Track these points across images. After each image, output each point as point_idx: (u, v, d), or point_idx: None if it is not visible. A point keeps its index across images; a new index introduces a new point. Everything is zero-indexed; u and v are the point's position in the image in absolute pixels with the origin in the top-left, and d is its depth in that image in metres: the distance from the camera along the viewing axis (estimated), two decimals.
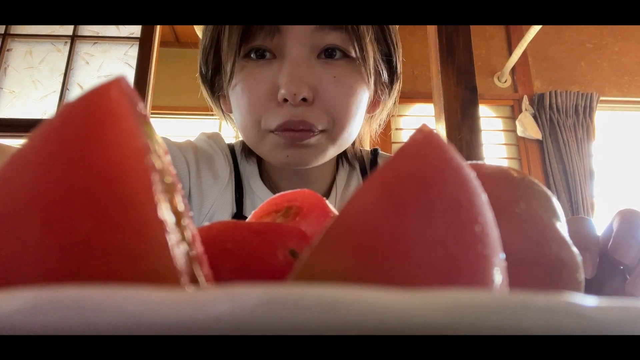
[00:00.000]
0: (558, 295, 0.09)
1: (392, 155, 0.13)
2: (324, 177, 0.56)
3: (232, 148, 0.57)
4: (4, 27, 2.12)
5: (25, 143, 0.12)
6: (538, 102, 2.48)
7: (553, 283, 0.20)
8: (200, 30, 0.55)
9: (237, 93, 0.47)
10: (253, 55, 0.46)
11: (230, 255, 0.16)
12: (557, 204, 0.22)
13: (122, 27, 2.17)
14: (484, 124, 2.16)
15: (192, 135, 0.60)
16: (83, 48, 2.16)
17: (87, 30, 2.18)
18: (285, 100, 0.44)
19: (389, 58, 0.51)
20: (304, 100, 0.44)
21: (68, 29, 2.16)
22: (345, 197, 0.56)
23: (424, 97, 2.40)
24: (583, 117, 2.44)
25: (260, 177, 0.55)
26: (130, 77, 2.04)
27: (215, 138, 0.57)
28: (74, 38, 2.15)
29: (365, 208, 0.13)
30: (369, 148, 0.63)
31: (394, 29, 0.52)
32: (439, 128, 1.55)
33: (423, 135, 0.13)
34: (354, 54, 0.46)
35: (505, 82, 2.58)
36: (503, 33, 2.68)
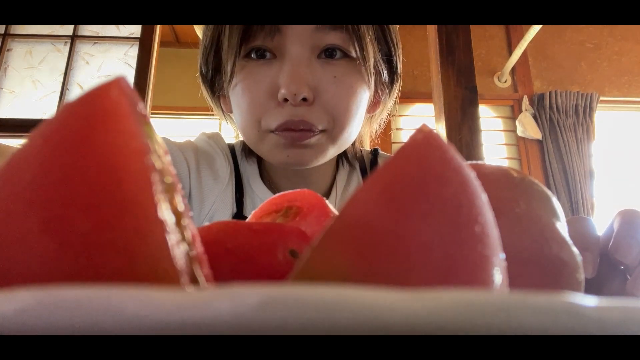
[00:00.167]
0: (558, 295, 0.09)
1: (392, 155, 0.13)
2: (324, 177, 0.56)
3: (232, 148, 0.57)
4: (4, 27, 2.12)
5: (25, 143, 0.12)
6: (538, 102, 2.48)
7: (553, 283, 0.20)
8: (201, 30, 0.55)
9: (237, 93, 0.47)
10: (253, 55, 0.46)
11: (230, 255, 0.16)
12: (557, 204, 0.22)
13: (122, 27, 2.17)
14: (484, 124, 2.16)
15: (192, 135, 0.60)
16: (83, 48, 2.16)
17: (87, 30, 2.18)
18: (286, 100, 0.44)
19: (389, 58, 0.51)
20: (304, 100, 0.44)
21: (68, 29, 2.16)
22: (345, 197, 0.56)
23: (424, 97, 2.40)
24: (583, 117, 2.44)
25: (261, 177, 0.55)
26: (130, 77, 2.04)
27: (216, 138, 0.57)
28: (74, 38, 2.15)
29: (365, 208, 0.13)
30: (369, 148, 0.63)
31: (394, 29, 0.52)
32: (439, 128, 1.55)
33: (423, 135, 0.13)
34: (355, 54, 0.46)
35: (505, 82, 2.58)
36: (503, 33, 2.68)
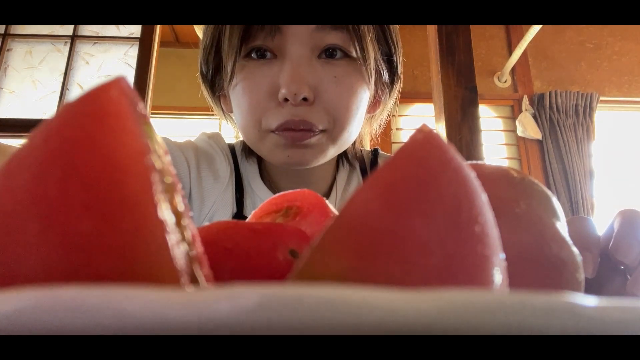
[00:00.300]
0: (558, 295, 0.09)
1: (392, 155, 0.13)
2: (325, 177, 0.56)
3: (232, 148, 0.57)
4: (4, 27, 2.12)
5: (25, 143, 0.12)
6: (538, 102, 2.48)
7: (553, 283, 0.20)
8: (201, 30, 0.55)
9: (237, 93, 0.47)
10: (254, 55, 0.46)
11: (230, 255, 0.16)
12: (557, 204, 0.22)
13: (122, 27, 2.17)
14: (484, 124, 2.16)
15: (192, 135, 0.60)
16: (83, 48, 2.16)
17: (87, 30, 2.18)
18: (286, 100, 0.44)
19: (390, 58, 0.51)
20: (305, 100, 0.44)
21: (68, 29, 2.16)
22: (346, 197, 0.56)
23: (424, 97, 2.40)
24: (583, 117, 2.44)
25: (261, 177, 0.55)
26: (130, 77, 2.04)
27: (216, 138, 0.57)
28: (74, 38, 2.15)
29: (365, 208, 0.13)
30: (369, 148, 0.63)
31: (395, 29, 0.52)
32: (439, 128, 1.55)
33: (423, 135, 0.13)
34: (355, 54, 0.46)
35: (505, 82, 2.58)
36: (503, 33, 2.68)
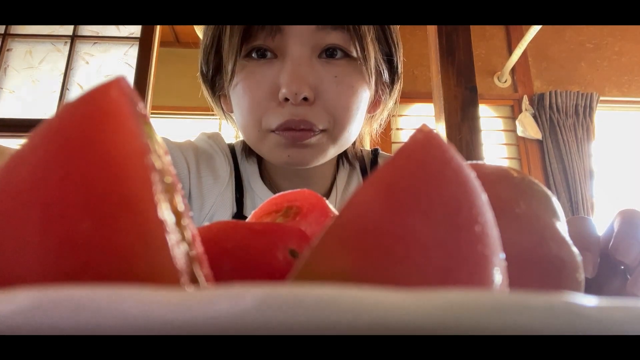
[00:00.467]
0: (558, 295, 0.09)
1: (392, 155, 0.13)
2: (325, 177, 0.56)
3: (232, 148, 0.57)
4: (4, 27, 2.12)
5: (25, 143, 0.12)
6: (538, 102, 2.48)
7: (553, 283, 0.20)
8: (201, 30, 0.55)
9: (238, 93, 0.47)
10: (254, 55, 0.46)
11: (230, 255, 0.16)
12: (557, 204, 0.22)
13: (122, 27, 2.17)
14: (484, 124, 2.16)
15: (192, 135, 0.60)
16: (83, 48, 2.16)
17: (87, 30, 2.18)
18: (286, 100, 0.44)
19: (390, 58, 0.51)
20: (305, 100, 0.44)
21: (68, 29, 2.16)
22: (346, 197, 0.56)
23: (424, 97, 2.40)
24: (583, 117, 2.44)
25: (261, 177, 0.55)
26: (130, 77, 2.04)
27: (216, 138, 0.57)
28: (74, 38, 2.15)
29: (366, 208, 0.13)
30: (369, 148, 0.63)
31: (395, 29, 0.52)
32: (439, 128, 1.55)
33: (423, 135, 0.13)
34: (355, 54, 0.46)
35: (505, 82, 2.58)
36: (503, 33, 2.68)
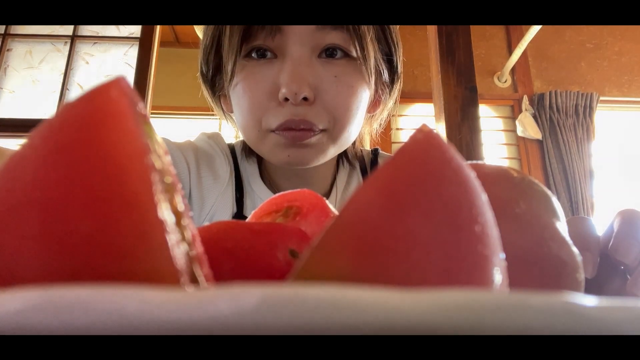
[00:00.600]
0: (558, 295, 0.09)
1: (392, 155, 0.13)
2: (325, 177, 0.56)
3: (232, 148, 0.57)
4: (4, 27, 2.12)
5: (25, 143, 0.12)
6: (538, 102, 2.48)
7: (553, 283, 0.20)
8: (201, 30, 0.55)
9: (238, 93, 0.47)
10: (254, 55, 0.46)
11: (230, 255, 0.16)
12: (557, 204, 0.22)
13: (122, 27, 2.17)
14: (484, 124, 2.16)
15: (192, 135, 0.60)
16: (83, 48, 2.16)
17: (87, 30, 2.18)
18: (286, 100, 0.44)
19: (390, 57, 0.51)
20: (305, 100, 0.44)
21: (68, 29, 2.16)
22: (346, 197, 0.56)
23: (424, 97, 2.40)
24: (583, 117, 2.44)
25: (261, 176, 0.55)
26: (130, 77, 2.04)
27: (216, 138, 0.57)
28: (74, 38, 2.15)
29: (365, 208, 0.13)
30: (369, 148, 0.63)
31: (395, 29, 0.52)
32: (439, 128, 1.55)
33: (423, 135, 0.13)
34: (355, 54, 0.46)
35: (505, 82, 2.58)
36: (503, 33, 2.68)
